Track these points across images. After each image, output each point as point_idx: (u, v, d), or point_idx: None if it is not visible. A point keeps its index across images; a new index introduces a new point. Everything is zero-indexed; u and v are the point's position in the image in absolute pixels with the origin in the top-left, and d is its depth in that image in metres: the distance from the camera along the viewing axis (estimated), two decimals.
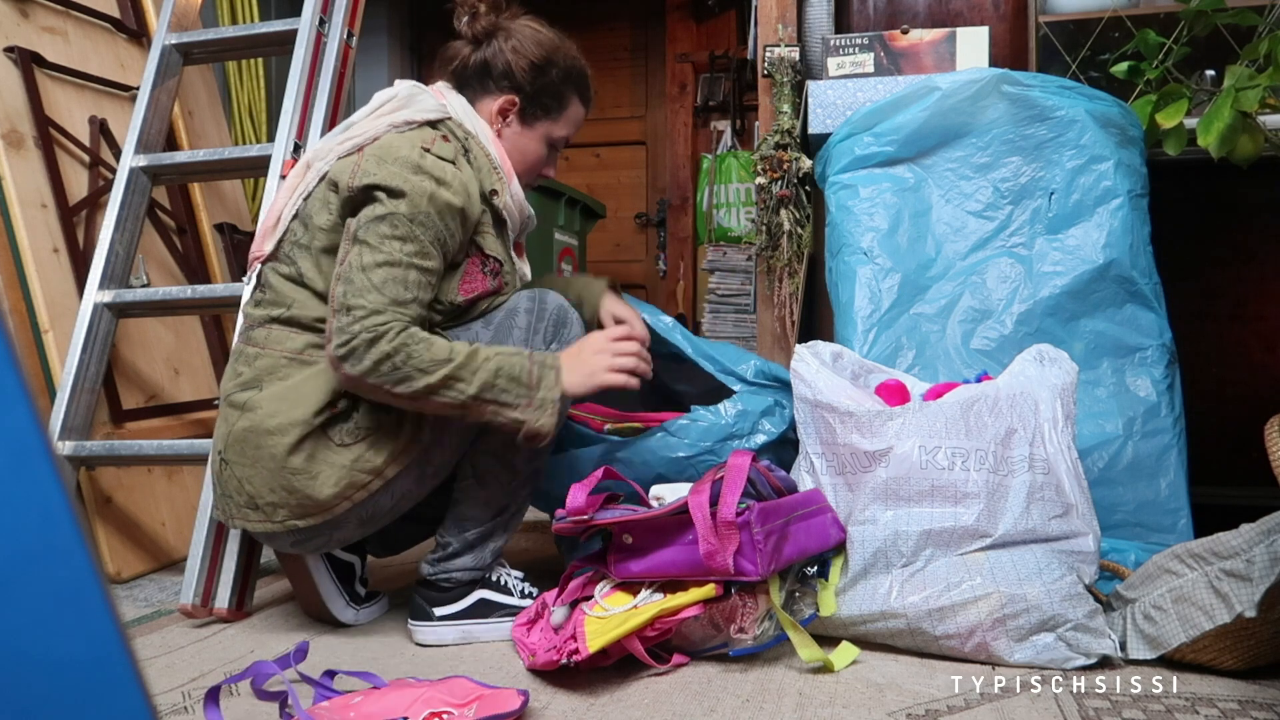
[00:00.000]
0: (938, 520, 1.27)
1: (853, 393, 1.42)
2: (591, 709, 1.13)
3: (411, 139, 1.34)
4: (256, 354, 1.36)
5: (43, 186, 1.94)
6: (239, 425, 1.32)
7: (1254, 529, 1.14)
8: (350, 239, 1.29)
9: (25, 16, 2.02)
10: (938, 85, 1.66)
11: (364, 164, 1.32)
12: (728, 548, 1.20)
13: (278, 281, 1.38)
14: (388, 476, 1.33)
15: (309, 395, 1.30)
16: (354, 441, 1.31)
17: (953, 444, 1.30)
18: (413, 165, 1.30)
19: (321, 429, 1.30)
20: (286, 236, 1.39)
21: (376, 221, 1.28)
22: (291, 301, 1.36)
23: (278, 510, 1.32)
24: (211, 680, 1.25)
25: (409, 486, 1.37)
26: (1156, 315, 1.62)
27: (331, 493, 1.30)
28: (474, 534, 1.40)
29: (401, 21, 4.11)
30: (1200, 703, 1.10)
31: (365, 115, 1.42)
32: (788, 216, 2.19)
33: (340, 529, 1.36)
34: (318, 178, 1.38)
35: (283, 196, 1.42)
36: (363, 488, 1.32)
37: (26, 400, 0.39)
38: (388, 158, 1.31)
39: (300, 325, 1.35)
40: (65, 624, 0.40)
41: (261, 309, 1.39)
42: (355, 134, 1.38)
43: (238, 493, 1.34)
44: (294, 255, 1.37)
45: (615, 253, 4.07)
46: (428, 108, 1.40)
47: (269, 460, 1.30)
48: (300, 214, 1.39)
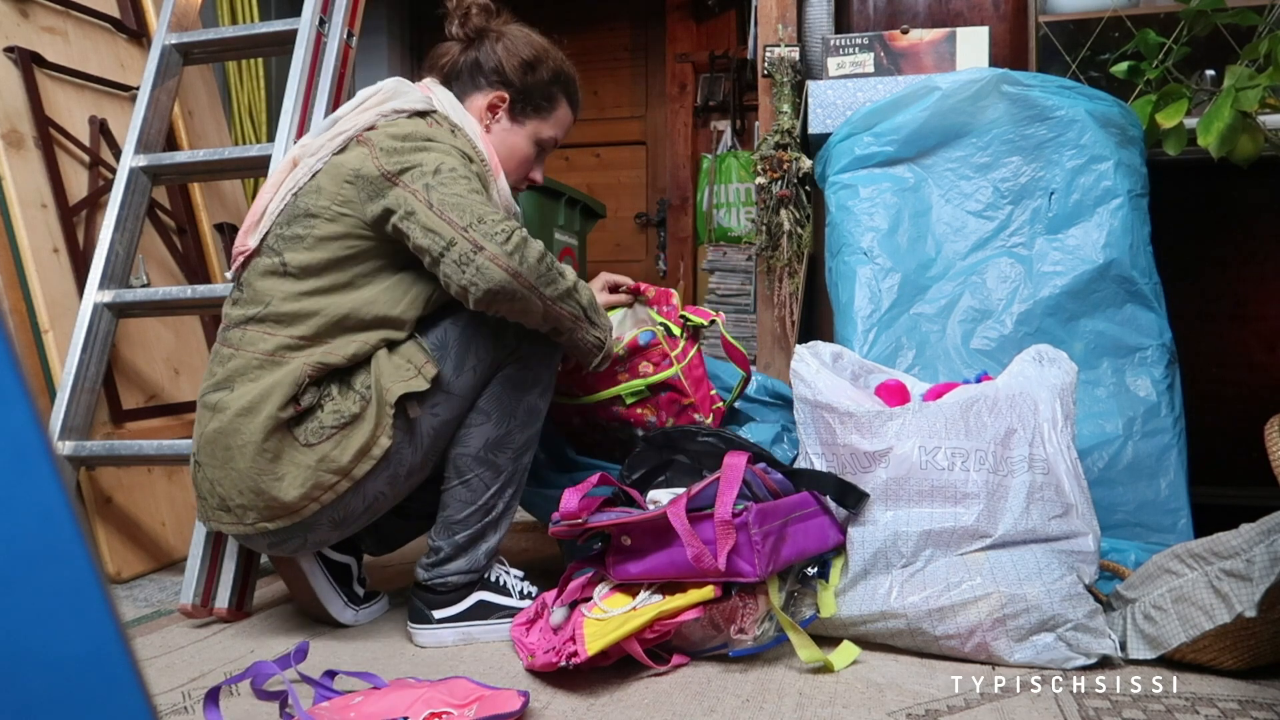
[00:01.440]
0: (937, 520, 1.27)
1: (852, 393, 1.42)
2: (591, 709, 1.13)
3: (415, 123, 1.37)
4: (230, 355, 1.35)
5: (43, 186, 1.94)
6: (210, 427, 1.32)
7: (1254, 529, 1.14)
8: (422, 193, 1.28)
9: (25, 16, 2.02)
10: (938, 85, 1.66)
11: (378, 145, 1.32)
12: (723, 548, 1.19)
13: (255, 279, 1.37)
14: (356, 477, 1.31)
15: (273, 393, 1.28)
16: (319, 441, 1.29)
17: (952, 444, 1.30)
18: (424, 136, 1.34)
19: (287, 427, 1.29)
20: (272, 230, 1.38)
21: (434, 173, 1.29)
22: (269, 299, 1.34)
23: (248, 512, 1.31)
24: (211, 680, 1.25)
25: (381, 488, 1.34)
26: (1156, 315, 1.63)
27: (297, 494, 1.29)
28: (463, 537, 1.39)
29: (401, 21, 4.11)
30: (1200, 703, 1.10)
31: (351, 109, 1.43)
32: (788, 216, 2.19)
33: (313, 531, 1.35)
34: (310, 172, 1.38)
35: (266, 192, 1.41)
36: (330, 489, 1.30)
37: (26, 400, 0.39)
38: (399, 136, 1.33)
39: (274, 322, 1.33)
40: (65, 624, 0.40)
41: (239, 309, 1.37)
42: (344, 127, 1.38)
43: (210, 495, 1.33)
44: (279, 247, 1.36)
45: (615, 253, 4.07)
46: (414, 99, 1.42)
47: (237, 461, 1.29)
48: (289, 208, 1.37)
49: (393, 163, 1.31)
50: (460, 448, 1.38)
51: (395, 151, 1.32)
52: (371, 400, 1.30)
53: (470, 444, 1.38)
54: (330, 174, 1.36)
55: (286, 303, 1.33)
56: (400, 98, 1.41)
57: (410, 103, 1.40)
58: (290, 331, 1.32)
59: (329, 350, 1.31)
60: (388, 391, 1.29)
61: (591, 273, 1.84)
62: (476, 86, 1.50)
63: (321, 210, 1.34)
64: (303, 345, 1.31)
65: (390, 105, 1.39)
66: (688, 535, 1.19)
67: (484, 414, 1.37)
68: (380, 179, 1.31)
